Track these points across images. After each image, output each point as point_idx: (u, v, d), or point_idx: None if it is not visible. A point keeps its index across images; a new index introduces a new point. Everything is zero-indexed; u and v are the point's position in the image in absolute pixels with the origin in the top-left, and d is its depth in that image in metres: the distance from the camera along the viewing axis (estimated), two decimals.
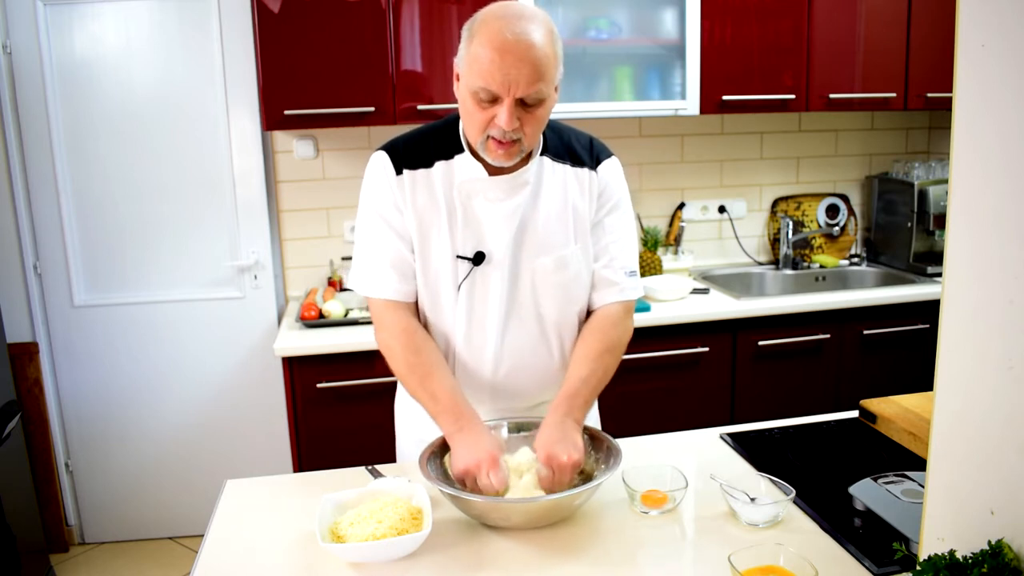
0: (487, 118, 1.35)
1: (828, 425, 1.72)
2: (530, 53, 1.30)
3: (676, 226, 3.23)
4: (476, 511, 1.29)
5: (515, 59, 1.29)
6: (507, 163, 1.40)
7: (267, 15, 2.50)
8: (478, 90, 1.32)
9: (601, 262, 1.55)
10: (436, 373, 1.45)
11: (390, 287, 1.49)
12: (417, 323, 1.51)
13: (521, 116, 1.34)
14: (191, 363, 2.98)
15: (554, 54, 1.34)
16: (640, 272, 3.03)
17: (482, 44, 1.31)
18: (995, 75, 0.86)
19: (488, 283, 1.49)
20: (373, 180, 1.49)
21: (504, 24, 1.31)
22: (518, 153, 1.39)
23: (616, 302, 1.56)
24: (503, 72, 1.29)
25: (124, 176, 2.85)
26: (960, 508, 0.95)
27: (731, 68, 2.79)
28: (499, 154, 1.38)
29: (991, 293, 0.88)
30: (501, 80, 1.30)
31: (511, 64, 1.29)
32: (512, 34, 1.30)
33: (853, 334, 2.83)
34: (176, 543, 3.07)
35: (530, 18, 1.33)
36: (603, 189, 1.53)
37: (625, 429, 1.74)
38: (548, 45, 1.33)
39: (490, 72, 1.30)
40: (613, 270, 1.55)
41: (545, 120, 1.41)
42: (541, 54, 1.31)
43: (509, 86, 1.30)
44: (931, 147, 3.48)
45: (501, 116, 1.32)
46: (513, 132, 1.35)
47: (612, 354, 1.53)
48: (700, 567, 1.22)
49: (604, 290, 1.56)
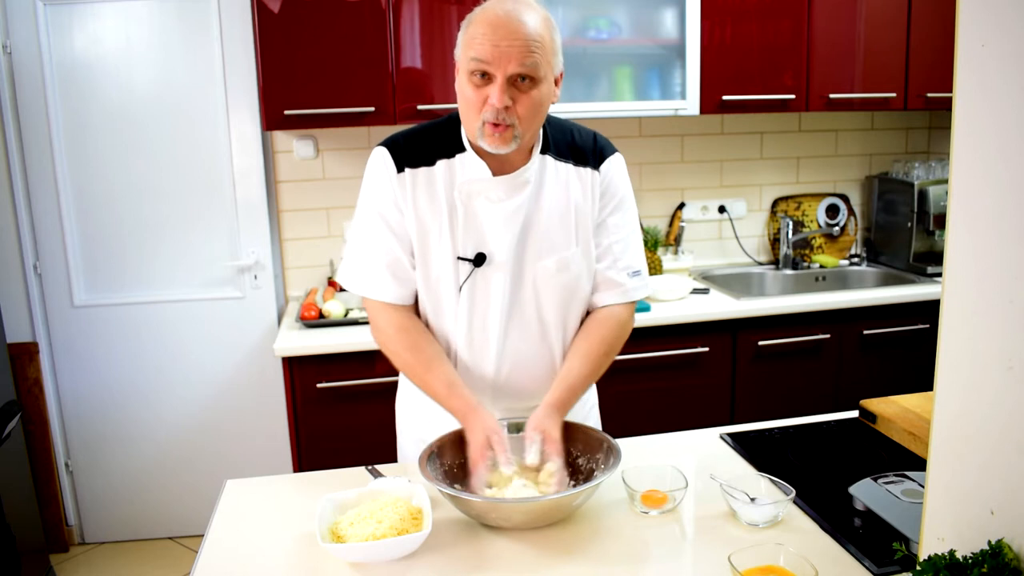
0: (481, 99, 1.35)
1: (828, 425, 1.72)
2: (522, 29, 1.32)
3: (676, 226, 3.23)
4: (475, 511, 1.29)
5: (507, 32, 1.31)
6: (503, 149, 1.38)
7: (267, 15, 2.50)
8: (471, 63, 1.33)
9: (604, 263, 1.54)
10: (433, 369, 1.46)
11: (384, 290, 1.48)
12: (412, 319, 1.51)
13: (514, 96, 1.34)
14: (191, 363, 2.98)
15: (549, 37, 1.36)
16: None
17: (476, 23, 1.34)
18: (995, 75, 0.86)
19: (489, 285, 1.48)
20: (374, 177, 1.48)
21: (498, 4, 1.35)
22: (512, 138, 1.37)
23: (620, 303, 1.55)
24: (494, 43, 1.31)
25: (124, 176, 2.85)
26: (960, 508, 0.95)
27: (731, 68, 2.79)
28: (494, 138, 1.36)
29: (991, 293, 0.88)
30: (492, 51, 1.31)
31: (502, 36, 1.31)
32: (504, 11, 1.33)
33: (853, 334, 2.83)
34: (176, 543, 3.07)
35: (527, 3, 1.36)
36: (605, 188, 1.52)
37: (625, 429, 1.74)
38: (542, 26, 1.35)
39: (482, 45, 1.32)
40: (616, 271, 1.54)
41: (540, 106, 1.38)
42: (533, 31, 1.33)
43: (501, 59, 1.31)
44: (931, 147, 3.48)
45: (493, 94, 1.33)
46: (507, 114, 1.34)
47: (610, 356, 1.54)
48: (700, 567, 1.22)
49: (607, 291, 1.55)
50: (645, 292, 1.59)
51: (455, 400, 1.42)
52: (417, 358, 1.47)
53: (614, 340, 1.54)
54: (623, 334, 1.56)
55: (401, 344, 1.48)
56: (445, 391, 1.43)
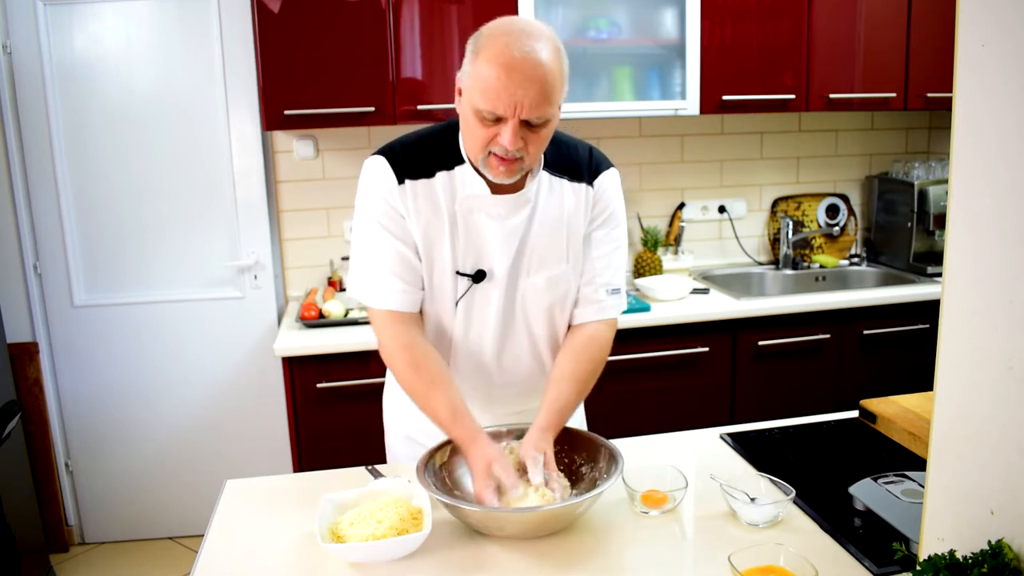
0: (489, 136, 1.31)
1: (828, 425, 1.72)
2: (537, 73, 1.25)
3: (676, 226, 3.23)
4: (473, 520, 1.28)
5: (522, 78, 1.24)
6: (508, 180, 1.36)
7: (267, 15, 2.50)
8: (482, 111, 1.28)
9: (585, 278, 1.53)
10: (435, 390, 1.41)
11: (392, 297, 1.44)
12: (417, 336, 1.46)
13: (525, 136, 1.30)
14: (191, 363, 2.98)
15: (561, 73, 1.30)
16: (640, 272, 3.05)
17: (487, 61, 1.26)
18: (995, 75, 0.86)
19: (486, 301, 1.47)
20: (373, 187, 1.43)
21: (511, 40, 1.25)
22: (519, 170, 1.36)
23: (598, 320, 1.54)
24: (509, 92, 1.25)
25: (124, 176, 2.85)
26: (960, 508, 0.95)
27: (731, 68, 2.79)
28: (500, 171, 1.34)
29: (991, 293, 0.88)
30: (507, 101, 1.25)
31: (517, 84, 1.24)
32: (520, 52, 1.24)
33: (853, 334, 2.83)
34: (176, 543, 3.07)
35: (537, 35, 1.27)
36: (596, 202, 1.50)
37: (625, 429, 1.74)
38: (556, 64, 1.28)
39: (495, 91, 1.25)
40: (594, 287, 1.52)
41: (548, 139, 1.37)
42: (548, 74, 1.26)
43: (515, 106, 1.26)
44: (931, 147, 3.48)
45: (505, 135, 1.28)
46: (516, 151, 1.31)
47: (596, 375, 1.53)
48: (700, 567, 1.22)
49: (584, 307, 1.54)
50: (622, 309, 1.57)
51: (457, 429, 1.38)
52: (420, 378, 1.42)
53: (601, 360, 1.53)
54: (605, 355, 1.55)
55: (405, 361, 1.43)
56: (449, 418, 1.39)
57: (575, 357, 1.50)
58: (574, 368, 1.48)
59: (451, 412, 1.39)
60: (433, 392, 1.41)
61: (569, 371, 1.48)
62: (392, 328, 1.45)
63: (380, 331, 1.47)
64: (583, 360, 1.50)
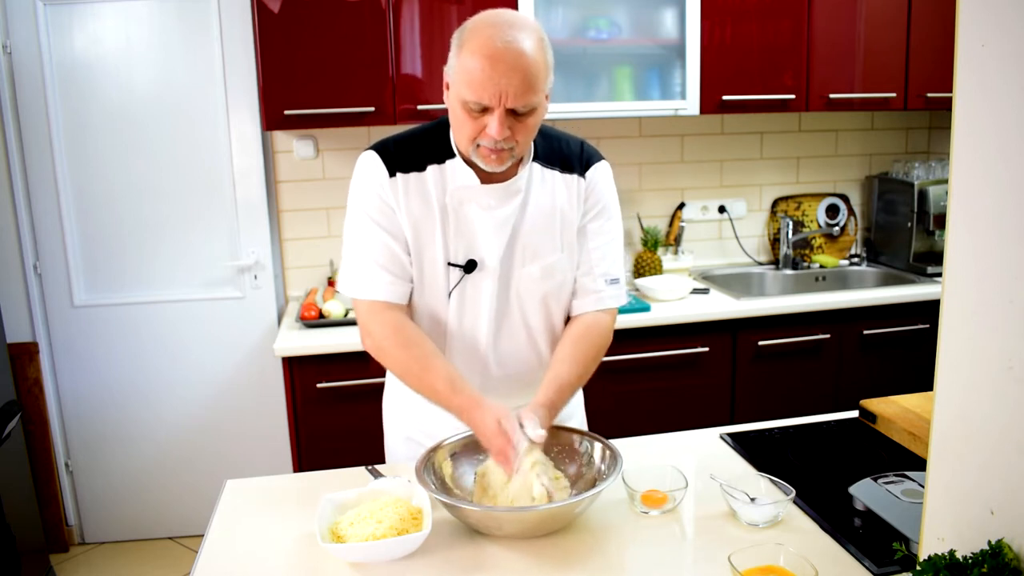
0: (478, 128, 1.33)
1: (828, 425, 1.72)
2: (520, 62, 1.27)
3: (676, 226, 3.23)
4: (472, 520, 1.28)
5: (506, 68, 1.26)
6: (499, 168, 1.38)
7: (267, 15, 2.50)
8: (468, 99, 1.30)
9: (582, 269, 1.54)
10: (430, 365, 1.40)
11: (380, 288, 1.44)
12: (406, 319, 1.46)
13: (512, 125, 1.32)
14: (191, 363, 2.98)
15: (545, 62, 1.32)
16: (640, 272, 3.05)
17: (472, 53, 1.28)
18: (995, 75, 0.86)
19: (479, 291, 1.47)
20: (364, 181, 1.46)
21: (494, 32, 1.28)
22: (509, 159, 1.38)
23: (597, 310, 1.54)
24: (493, 82, 1.27)
25: (124, 176, 2.85)
26: (960, 508, 0.95)
27: (731, 68, 2.79)
28: (491, 160, 1.36)
29: (991, 293, 0.88)
30: (492, 90, 1.27)
31: (502, 73, 1.26)
32: (503, 42, 1.27)
33: (853, 334, 2.83)
34: (176, 543, 3.07)
35: (520, 26, 1.30)
36: (589, 194, 1.52)
37: (625, 429, 1.74)
38: (539, 53, 1.30)
39: (480, 82, 1.27)
40: (593, 278, 1.53)
41: (536, 128, 1.39)
42: (532, 63, 1.28)
43: (500, 96, 1.28)
44: (931, 147, 3.48)
45: (492, 126, 1.30)
46: (504, 141, 1.33)
47: (597, 361, 1.53)
48: (700, 567, 1.22)
49: (583, 298, 1.54)
50: (622, 300, 1.57)
51: (458, 398, 1.36)
52: (413, 355, 1.41)
53: (602, 346, 1.53)
54: (607, 343, 1.55)
55: (395, 343, 1.42)
56: (447, 389, 1.37)
57: (575, 342, 1.50)
58: (574, 351, 1.49)
59: (449, 384, 1.38)
60: (428, 368, 1.40)
61: (569, 353, 1.48)
62: (380, 315, 1.44)
63: (367, 320, 1.46)
64: (583, 345, 1.50)
